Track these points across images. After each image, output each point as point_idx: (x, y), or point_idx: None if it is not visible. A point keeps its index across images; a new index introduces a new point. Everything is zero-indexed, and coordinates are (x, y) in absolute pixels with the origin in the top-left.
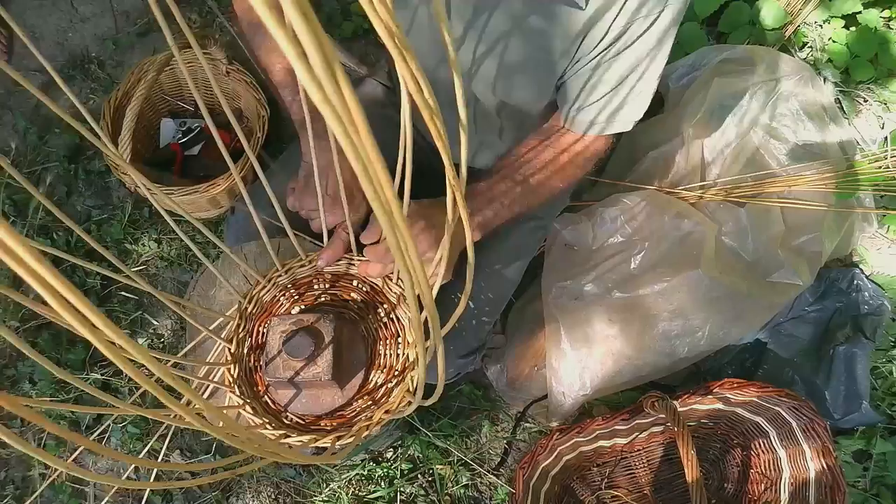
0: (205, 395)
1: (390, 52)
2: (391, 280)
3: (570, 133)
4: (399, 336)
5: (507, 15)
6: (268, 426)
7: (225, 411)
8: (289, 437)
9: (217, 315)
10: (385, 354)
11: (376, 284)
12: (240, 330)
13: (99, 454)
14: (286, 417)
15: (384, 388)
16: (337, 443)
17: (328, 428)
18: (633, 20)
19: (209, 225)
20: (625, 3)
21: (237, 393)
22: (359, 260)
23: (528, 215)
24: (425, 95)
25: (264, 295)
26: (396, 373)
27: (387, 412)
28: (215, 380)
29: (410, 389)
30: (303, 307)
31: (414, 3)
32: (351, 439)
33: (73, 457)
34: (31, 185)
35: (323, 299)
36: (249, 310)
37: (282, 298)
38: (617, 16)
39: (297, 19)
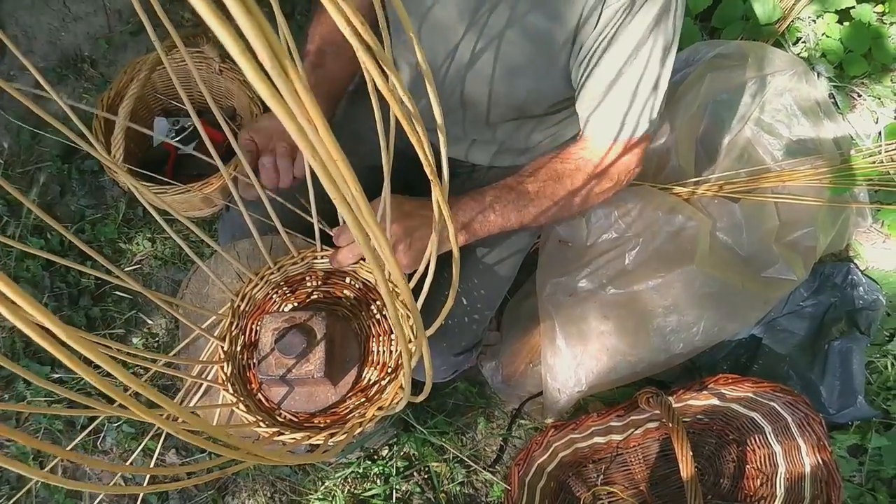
0: (198, 393)
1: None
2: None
3: (581, 142)
4: (392, 333)
5: (506, 7)
6: (261, 424)
7: (217, 413)
8: (282, 434)
9: (210, 313)
10: (378, 351)
11: (369, 281)
12: (232, 328)
13: (91, 455)
14: (279, 415)
15: (377, 384)
16: (330, 440)
17: (321, 425)
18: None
19: (204, 223)
20: None
21: (230, 391)
22: (325, 252)
23: None
24: (409, 107)
25: (257, 292)
26: (390, 370)
27: (380, 409)
28: (208, 378)
29: (403, 386)
30: (295, 304)
31: (427, 4)
32: (343, 436)
33: (51, 465)
34: (22, 195)
35: (315, 296)
36: (242, 307)
37: (274, 296)
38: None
39: (238, 13)
